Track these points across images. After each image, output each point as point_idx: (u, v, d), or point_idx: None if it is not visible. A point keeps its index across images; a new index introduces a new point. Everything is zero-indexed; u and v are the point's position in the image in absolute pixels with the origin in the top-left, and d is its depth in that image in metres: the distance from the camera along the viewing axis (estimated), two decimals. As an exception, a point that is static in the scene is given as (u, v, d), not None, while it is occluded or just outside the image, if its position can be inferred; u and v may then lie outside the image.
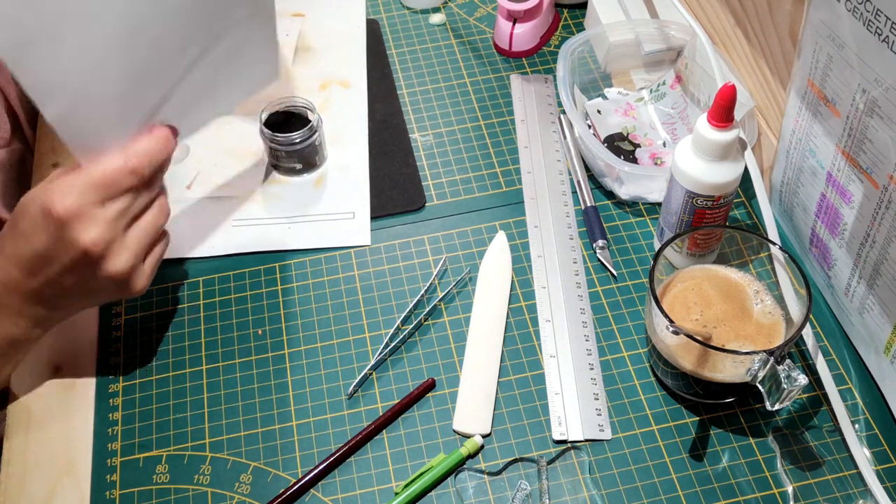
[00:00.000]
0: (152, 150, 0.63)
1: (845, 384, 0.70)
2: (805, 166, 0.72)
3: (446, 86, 0.94)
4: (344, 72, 0.95)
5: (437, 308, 0.76)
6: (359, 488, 0.66)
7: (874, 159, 0.62)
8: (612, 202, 0.83)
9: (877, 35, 0.57)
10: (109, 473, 0.68)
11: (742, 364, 0.62)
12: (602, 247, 0.78)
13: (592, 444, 0.68)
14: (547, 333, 0.74)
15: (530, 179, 0.85)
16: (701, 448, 0.67)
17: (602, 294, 0.77)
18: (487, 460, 0.67)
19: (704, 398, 0.69)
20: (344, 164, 0.86)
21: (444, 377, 0.72)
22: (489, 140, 0.89)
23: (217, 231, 0.82)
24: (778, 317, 0.67)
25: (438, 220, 0.82)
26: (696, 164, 0.68)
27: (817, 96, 0.67)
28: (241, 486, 0.67)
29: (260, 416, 0.70)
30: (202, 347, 0.74)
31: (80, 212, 0.60)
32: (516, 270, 0.78)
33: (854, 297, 0.69)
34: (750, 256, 0.69)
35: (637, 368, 0.72)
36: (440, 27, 1.00)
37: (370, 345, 0.74)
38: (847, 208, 0.67)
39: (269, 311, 0.76)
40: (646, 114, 0.89)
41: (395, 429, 0.69)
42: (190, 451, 0.69)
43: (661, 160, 0.85)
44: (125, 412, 0.71)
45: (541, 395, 0.70)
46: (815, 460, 0.66)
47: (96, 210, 0.61)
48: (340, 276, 0.79)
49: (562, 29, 1.00)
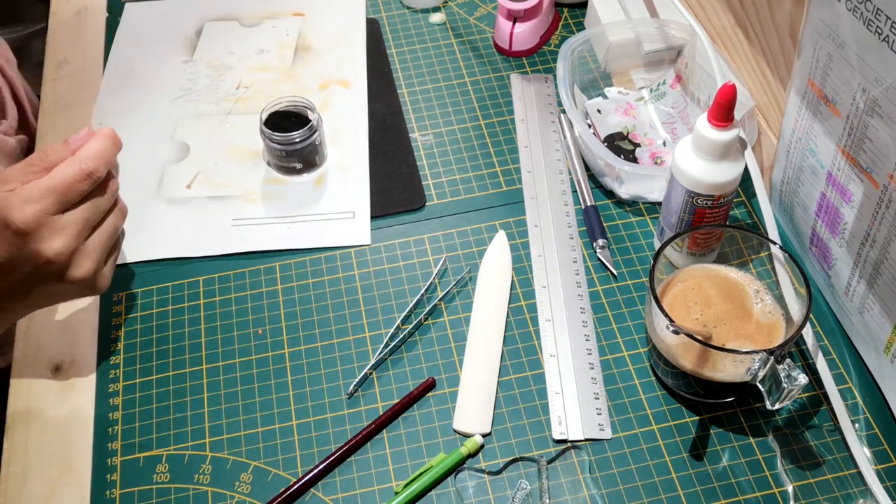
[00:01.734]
0: (103, 148, 0.63)
1: (845, 383, 0.70)
2: (805, 166, 0.72)
3: (446, 85, 0.94)
4: (344, 72, 0.95)
5: (437, 307, 0.76)
6: (359, 488, 0.66)
7: (874, 159, 0.62)
8: (612, 202, 0.83)
9: (877, 34, 0.57)
10: (109, 473, 0.68)
11: (742, 363, 0.62)
12: (602, 246, 0.78)
13: (592, 444, 0.68)
14: (547, 333, 0.74)
15: (530, 179, 0.85)
16: (701, 447, 0.67)
17: (602, 293, 0.77)
18: (487, 460, 0.67)
19: (704, 398, 0.69)
20: (344, 163, 0.86)
21: (444, 377, 0.72)
22: (489, 140, 0.89)
23: (217, 231, 0.82)
24: (778, 316, 0.67)
25: (438, 220, 0.82)
26: (696, 163, 0.68)
27: (817, 96, 0.67)
28: (242, 486, 0.67)
29: (260, 416, 0.70)
30: (202, 347, 0.74)
31: (41, 222, 0.60)
32: (516, 270, 0.78)
33: (854, 296, 0.69)
34: (750, 256, 0.69)
35: (637, 368, 0.72)
36: (440, 27, 1.00)
37: (370, 344, 0.74)
38: (847, 208, 0.67)
39: (269, 311, 0.76)
40: (646, 113, 0.89)
41: (395, 428, 0.69)
42: (190, 450, 0.69)
43: (661, 160, 0.85)
44: (125, 412, 0.71)
45: (541, 395, 0.70)
46: (815, 460, 0.66)
47: (57, 219, 0.61)
48: (340, 275, 0.79)
49: (562, 28, 1.00)
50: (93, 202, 0.63)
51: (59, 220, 0.61)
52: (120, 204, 0.68)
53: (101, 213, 0.64)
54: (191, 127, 0.90)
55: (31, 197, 0.60)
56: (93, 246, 0.64)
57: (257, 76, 0.95)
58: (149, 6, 1.03)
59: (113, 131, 0.65)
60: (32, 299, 0.66)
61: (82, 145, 0.63)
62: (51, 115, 0.92)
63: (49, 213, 0.60)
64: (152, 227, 0.82)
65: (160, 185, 0.85)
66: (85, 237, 0.63)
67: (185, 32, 1.00)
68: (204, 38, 0.99)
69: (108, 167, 0.64)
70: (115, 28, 1.00)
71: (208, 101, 0.92)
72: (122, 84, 0.94)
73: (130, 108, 0.92)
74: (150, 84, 0.94)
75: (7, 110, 0.87)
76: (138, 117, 0.91)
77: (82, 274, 0.63)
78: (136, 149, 0.88)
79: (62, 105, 0.93)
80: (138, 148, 0.88)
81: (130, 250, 0.80)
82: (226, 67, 0.96)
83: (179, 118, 0.91)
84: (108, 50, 0.98)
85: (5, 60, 0.91)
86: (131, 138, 0.89)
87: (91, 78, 0.96)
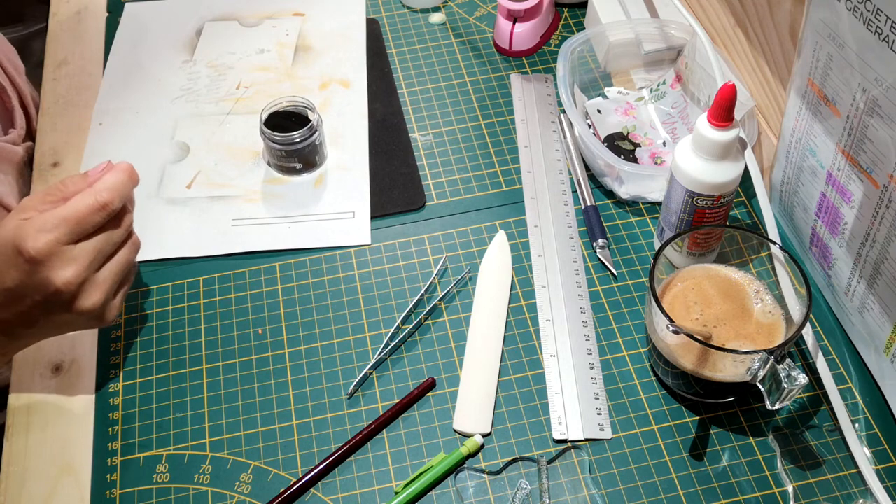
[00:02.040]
0: (119, 182, 0.64)
1: (845, 383, 0.70)
2: (805, 166, 0.72)
3: (446, 85, 0.94)
4: (344, 71, 0.95)
5: (437, 307, 0.76)
6: (359, 488, 0.66)
7: (874, 159, 0.62)
8: (612, 202, 0.83)
9: (877, 34, 0.57)
10: (109, 473, 0.68)
11: (742, 363, 0.62)
12: (602, 246, 0.78)
13: (592, 444, 0.68)
14: (547, 333, 0.74)
15: (530, 179, 0.85)
16: (701, 447, 0.67)
17: (602, 293, 0.76)
18: (487, 460, 0.67)
19: (704, 397, 0.69)
20: (344, 163, 0.86)
21: (444, 377, 0.72)
22: (489, 140, 0.89)
23: (217, 231, 0.82)
24: (778, 316, 0.67)
25: (438, 220, 0.82)
26: (697, 163, 0.68)
27: (817, 96, 0.67)
28: (242, 486, 0.67)
29: (260, 416, 0.70)
30: (202, 347, 0.74)
31: (53, 252, 0.61)
32: (516, 270, 0.78)
33: (854, 296, 0.69)
34: (750, 256, 0.69)
35: (637, 368, 0.72)
36: (440, 27, 1.00)
37: (370, 344, 0.74)
38: (847, 208, 0.67)
39: (269, 311, 0.76)
40: (646, 113, 0.89)
41: (396, 428, 0.69)
42: (190, 450, 0.69)
43: (661, 159, 0.85)
44: (125, 412, 0.71)
45: (541, 395, 0.70)
46: (815, 460, 0.66)
47: (69, 249, 0.61)
48: (340, 275, 0.79)
49: (562, 28, 1.00)
50: (106, 234, 0.64)
51: (71, 250, 0.62)
52: (134, 237, 0.68)
53: (113, 245, 0.65)
54: (191, 127, 0.90)
55: (46, 226, 0.61)
56: (103, 278, 0.64)
57: (257, 76, 0.95)
58: (149, 6, 1.03)
59: (130, 166, 0.65)
60: (40, 328, 0.66)
61: (100, 178, 0.64)
62: (51, 116, 0.92)
63: (62, 242, 0.61)
64: (152, 227, 0.82)
65: (160, 185, 0.85)
66: (96, 268, 0.64)
67: (185, 32, 1.00)
68: (204, 38, 0.99)
69: (124, 200, 0.64)
70: (115, 28, 1.01)
71: (208, 101, 0.92)
72: (122, 84, 0.94)
73: (130, 108, 0.92)
74: (150, 84, 0.94)
75: (16, 119, 0.87)
76: (138, 117, 0.91)
77: (90, 305, 0.64)
78: (137, 149, 0.88)
79: (62, 105, 0.93)
80: (138, 148, 0.88)
81: (130, 250, 0.80)
82: (226, 67, 0.96)
83: (179, 118, 0.91)
84: (108, 50, 0.98)
85: (14, 68, 0.91)
86: (131, 138, 0.89)
87: (91, 78, 0.96)
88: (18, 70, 0.93)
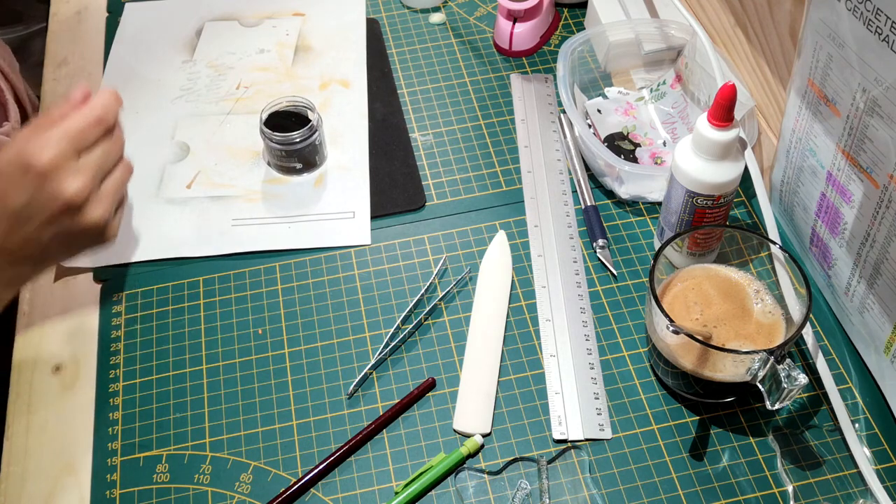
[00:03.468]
0: (108, 100, 0.66)
1: (845, 383, 0.70)
2: (805, 166, 0.72)
3: (446, 85, 0.94)
4: (344, 71, 0.95)
5: (438, 307, 0.76)
6: (359, 488, 0.66)
7: (874, 159, 0.62)
8: (612, 202, 0.83)
9: (877, 34, 0.57)
10: (109, 473, 0.68)
11: (742, 363, 0.62)
12: (602, 246, 0.78)
13: (592, 444, 0.68)
14: (547, 333, 0.74)
15: (530, 179, 0.85)
16: (701, 447, 0.67)
17: (602, 293, 0.76)
18: (487, 460, 0.67)
19: (704, 397, 0.69)
20: (344, 163, 0.86)
21: (444, 377, 0.72)
22: (489, 140, 0.89)
23: (217, 231, 0.82)
24: (778, 316, 0.67)
25: (438, 220, 0.82)
26: (697, 163, 0.68)
27: (817, 96, 0.67)
28: (242, 486, 0.67)
29: (260, 416, 0.70)
30: (202, 347, 0.74)
31: (60, 164, 0.62)
32: (516, 270, 0.78)
33: (854, 296, 0.69)
34: (750, 256, 0.69)
35: (637, 368, 0.72)
36: (440, 27, 1.00)
37: (370, 344, 0.74)
38: (847, 208, 0.67)
39: (269, 311, 0.76)
40: (646, 113, 0.89)
41: (396, 428, 0.69)
42: (190, 450, 0.69)
43: (661, 159, 0.85)
44: (125, 412, 0.71)
45: (541, 395, 0.70)
46: (815, 460, 0.66)
47: (74, 162, 0.63)
48: (340, 275, 0.79)
49: (562, 28, 1.00)
50: (104, 148, 0.65)
51: (76, 162, 0.63)
52: (126, 160, 0.69)
53: (112, 160, 0.67)
54: (191, 127, 0.90)
55: (50, 142, 0.62)
56: (106, 191, 0.66)
57: (257, 76, 0.95)
58: (149, 6, 1.03)
59: (113, 89, 0.68)
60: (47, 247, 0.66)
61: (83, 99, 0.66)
62: (51, 115, 0.92)
63: (67, 156, 0.62)
64: (152, 227, 0.82)
65: (160, 185, 0.85)
66: (99, 181, 0.65)
67: (185, 32, 1.00)
68: (204, 38, 0.99)
69: (115, 117, 0.66)
70: (115, 28, 1.01)
71: (208, 101, 0.92)
72: (122, 84, 0.94)
73: (130, 107, 0.92)
74: (150, 84, 0.94)
75: (10, 112, 0.87)
76: (138, 117, 0.91)
77: (97, 217, 0.65)
78: (137, 149, 0.88)
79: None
80: (138, 148, 0.88)
81: (130, 250, 0.80)
82: (226, 67, 0.96)
83: (179, 118, 0.91)
84: (108, 50, 0.98)
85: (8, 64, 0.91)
86: (131, 138, 0.89)
87: (91, 78, 0.96)
88: (13, 66, 0.93)
